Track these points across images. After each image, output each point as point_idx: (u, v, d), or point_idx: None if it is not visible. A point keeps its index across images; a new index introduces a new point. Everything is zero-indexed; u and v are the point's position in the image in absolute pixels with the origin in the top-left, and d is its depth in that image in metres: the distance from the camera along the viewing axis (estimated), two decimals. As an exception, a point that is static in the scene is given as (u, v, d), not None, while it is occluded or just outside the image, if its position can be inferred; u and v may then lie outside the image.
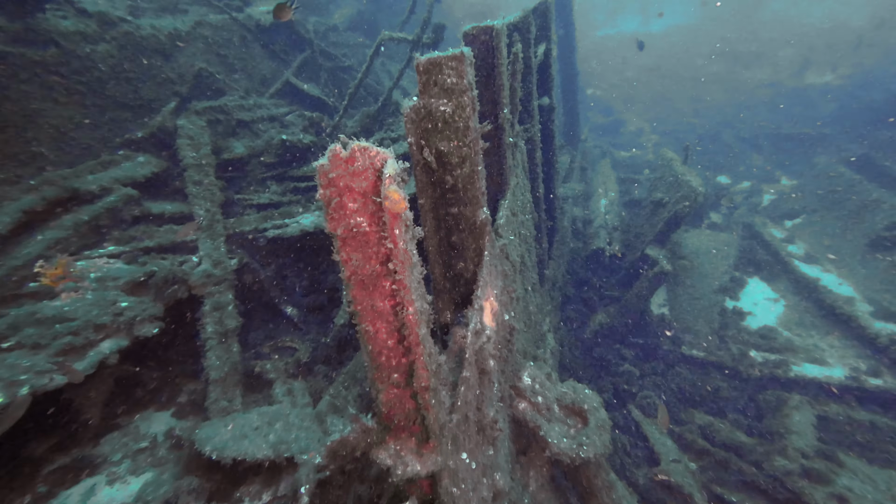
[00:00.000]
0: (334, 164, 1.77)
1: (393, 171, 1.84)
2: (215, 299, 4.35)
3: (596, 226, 8.08)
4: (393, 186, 1.76)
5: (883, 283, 6.09)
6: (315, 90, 7.86)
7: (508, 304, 3.98)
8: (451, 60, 2.54)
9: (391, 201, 1.79)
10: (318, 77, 8.35)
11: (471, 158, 2.88)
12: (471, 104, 2.65)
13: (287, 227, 5.64)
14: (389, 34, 5.79)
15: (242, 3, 6.74)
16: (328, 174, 1.77)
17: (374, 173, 1.82)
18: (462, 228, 3.38)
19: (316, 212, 6.16)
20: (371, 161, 1.79)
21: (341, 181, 1.79)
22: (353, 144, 1.74)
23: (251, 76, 6.72)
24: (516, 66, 3.89)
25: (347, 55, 9.18)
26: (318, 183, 1.75)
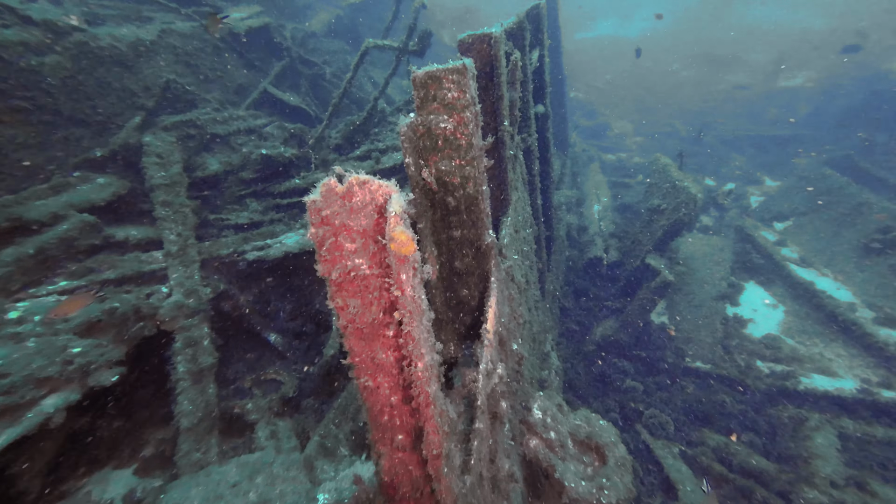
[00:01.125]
0: (328, 201, 1.58)
1: (399, 209, 1.54)
2: (188, 334, 3.92)
3: (591, 233, 7.91)
4: (400, 227, 1.51)
5: (881, 287, 6.08)
6: (295, 99, 7.47)
7: (516, 331, 3.70)
8: (452, 74, 2.29)
9: (398, 243, 1.53)
10: (297, 86, 7.96)
11: (474, 178, 2.63)
12: (474, 120, 2.43)
13: (269, 249, 5.23)
14: (374, 42, 5.49)
15: (213, 9, 6.31)
16: (321, 211, 1.57)
17: (375, 210, 1.62)
18: (465, 253, 3.12)
19: (300, 230, 5.76)
20: (372, 196, 1.59)
21: (336, 219, 1.60)
22: (350, 177, 1.55)
23: (226, 87, 6.29)
24: (515, 75, 3.66)
25: (328, 62, 8.82)
26: (309, 221, 1.56)
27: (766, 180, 12.01)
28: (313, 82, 8.16)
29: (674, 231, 5.91)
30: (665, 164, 7.05)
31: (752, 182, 12.34)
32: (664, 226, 6.12)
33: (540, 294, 5.27)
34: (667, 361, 5.57)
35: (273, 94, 6.93)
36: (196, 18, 5.78)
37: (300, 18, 9.14)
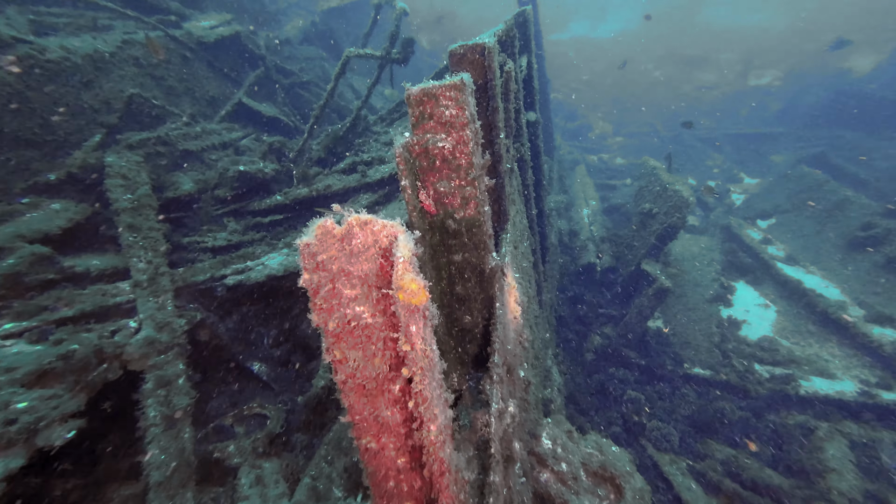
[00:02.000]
0: (324, 244, 1.43)
1: (408, 254, 1.38)
2: (160, 373, 3.55)
3: (583, 238, 7.83)
4: (409, 274, 1.36)
5: (867, 284, 6.18)
6: (272, 110, 7.11)
7: (522, 355, 3.50)
8: (450, 90, 2.03)
9: (408, 293, 1.37)
10: (273, 95, 7.60)
11: (476, 199, 2.45)
12: (474, 138, 2.17)
13: (250, 272, 4.89)
14: (355, 51, 5.23)
15: (179, 18, 5.91)
16: (316, 256, 1.43)
17: (379, 253, 1.47)
18: (468, 278, 2.92)
19: (284, 250, 5.42)
20: (375, 238, 1.46)
21: (334, 264, 1.45)
22: (350, 217, 1.41)
23: (196, 99, 5.89)
24: (510, 86, 3.48)
25: (305, 70, 8.48)
26: (302, 266, 1.43)
27: (745, 178, 12.28)
28: (290, 91, 7.81)
29: (668, 236, 5.86)
30: (654, 167, 7.03)
31: (731, 180, 12.61)
32: (657, 230, 6.06)
33: (538, 307, 5.10)
34: (666, 368, 5.49)
35: (248, 105, 6.57)
36: (161, 28, 5.37)
37: (273, 25, 8.78)
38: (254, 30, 7.46)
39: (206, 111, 6.17)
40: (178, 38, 5.61)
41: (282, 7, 9.33)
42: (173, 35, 5.51)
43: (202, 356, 4.54)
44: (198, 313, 4.42)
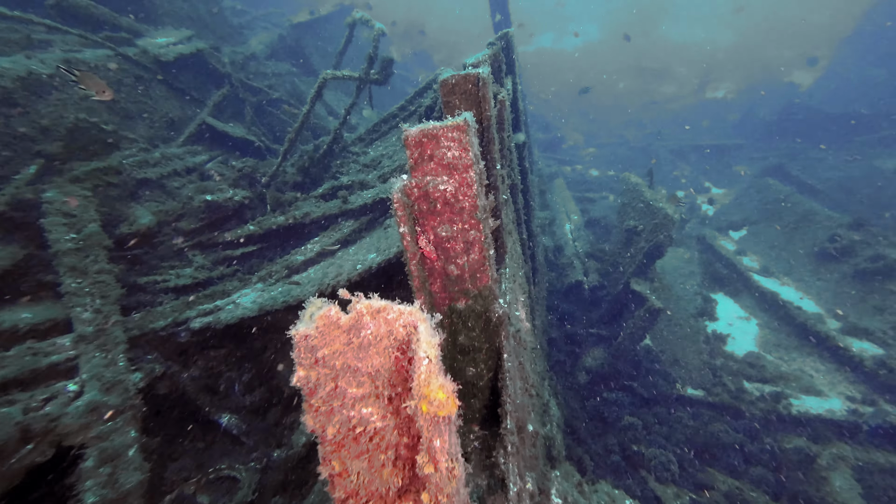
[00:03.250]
0: (327, 336, 1.23)
1: (433, 352, 1.17)
2: (105, 445, 3.04)
3: (568, 254, 7.78)
4: (436, 380, 1.13)
5: (839, 295, 6.44)
6: (240, 130, 6.64)
7: (528, 404, 3.26)
8: (453, 131, 1.90)
9: (435, 403, 1.14)
10: (241, 114, 7.12)
11: (480, 243, 2.27)
12: (478, 180, 2.02)
13: (220, 313, 4.42)
14: (332, 73, 4.92)
15: (132, 35, 5.38)
16: (316, 350, 1.23)
17: (394, 345, 1.26)
18: (472, 327, 2.69)
19: (258, 285, 4.98)
20: (390, 328, 1.25)
21: (338, 359, 1.25)
22: (360, 305, 1.22)
23: (154, 122, 5.36)
24: (504, 115, 3.30)
25: (274, 86, 8.04)
26: (297, 361, 1.23)
27: (713, 188, 12.80)
28: (259, 109, 7.36)
29: (655, 254, 5.86)
30: (636, 184, 7.08)
31: (699, 190, 13.12)
32: (643, 248, 6.06)
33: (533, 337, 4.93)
34: (660, 389, 5.43)
35: (213, 125, 6.08)
36: (110, 46, 4.83)
37: (237, 40, 8.29)
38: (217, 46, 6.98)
39: (167, 135, 5.64)
40: (131, 57, 5.09)
41: (246, 21, 8.85)
42: (124, 54, 4.99)
43: (161, 414, 4.01)
44: (156, 365, 3.91)
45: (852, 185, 10.54)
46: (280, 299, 4.47)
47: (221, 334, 4.43)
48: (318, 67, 9.59)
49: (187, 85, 6.08)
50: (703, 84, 27.07)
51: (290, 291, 4.57)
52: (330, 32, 10.47)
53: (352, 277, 4.30)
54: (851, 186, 10.49)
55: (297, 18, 9.50)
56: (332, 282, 4.37)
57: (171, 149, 5.36)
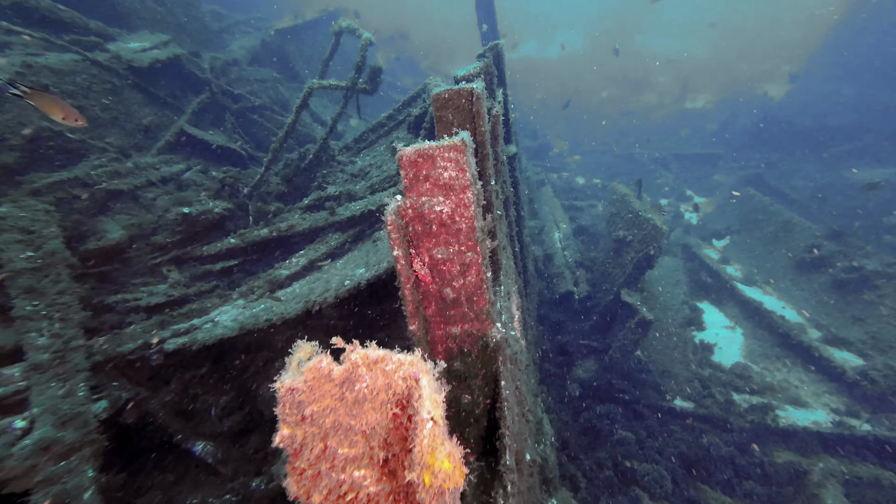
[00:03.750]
0: (317, 391, 1.14)
1: (438, 412, 1.08)
2: (57, 489, 2.76)
3: (558, 264, 7.75)
4: (443, 448, 1.04)
5: (819, 305, 6.60)
6: (220, 138, 6.38)
7: (525, 431, 3.16)
8: (449, 151, 1.85)
9: (440, 475, 1.04)
10: (222, 121, 6.86)
11: (477, 265, 2.12)
12: (475, 201, 1.96)
13: (197, 332, 4.17)
14: (318, 83, 4.76)
15: (102, 39, 5.08)
16: (302, 406, 1.14)
17: (391, 400, 1.16)
18: (468, 352, 2.59)
19: (239, 301, 4.74)
20: (388, 381, 1.15)
21: (328, 416, 1.15)
22: (356, 355, 1.14)
23: (126, 130, 5.07)
24: (497, 130, 3.22)
25: (257, 92, 7.80)
26: (281, 417, 1.13)
27: (695, 197, 13.09)
28: (241, 117, 7.11)
29: (644, 265, 5.87)
30: (624, 194, 7.13)
31: (681, 198, 13.40)
32: (633, 259, 6.07)
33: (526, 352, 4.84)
34: (650, 401, 5.41)
35: (192, 133, 5.81)
36: (77, 50, 4.54)
37: (217, 45, 8.01)
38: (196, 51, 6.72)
39: (141, 143, 5.35)
40: (101, 62, 4.81)
41: (227, 25, 8.56)
42: (93, 58, 4.70)
43: (127, 445, 3.72)
44: (123, 393, 3.62)
45: (825, 194, 10.95)
46: (263, 317, 4.25)
47: (198, 355, 4.17)
48: (303, 73, 9.39)
49: (164, 91, 5.80)
50: (683, 94, 27.92)
51: (274, 308, 4.36)
52: (314, 38, 10.27)
53: (339, 294, 4.12)
54: (824, 196, 10.90)
55: (280, 24, 9.28)
56: (319, 298, 4.18)
57: (145, 158, 5.08)
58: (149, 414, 3.91)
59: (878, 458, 4.15)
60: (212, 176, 5.69)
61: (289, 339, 4.57)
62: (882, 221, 9.60)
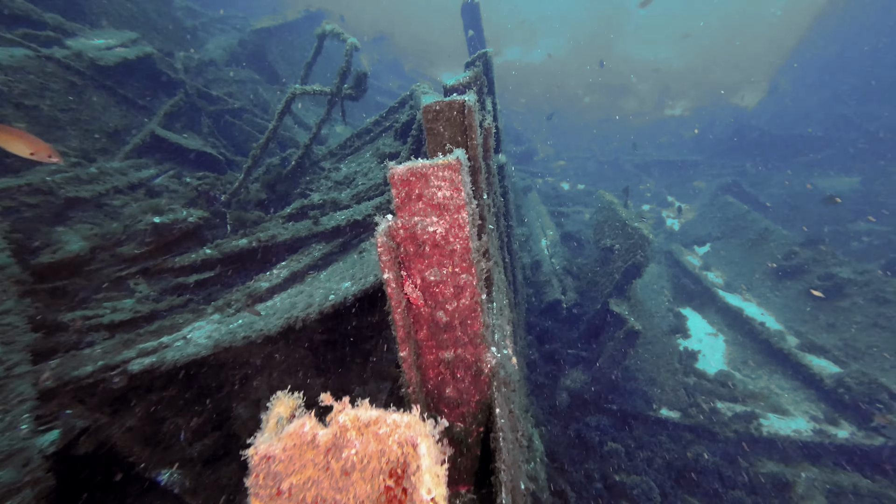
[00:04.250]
0: (297, 460, 1.01)
1: (441, 493, 1.00)
2: None
3: (546, 271, 7.72)
4: None
5: (796, 312, 6.79)
6: (195, 141, 6.06)
7: (519, 455, 3.03)
8: (443, 170, 1.77)
9: None
10: (197, 124, 6.52)
11: (471, 287, 2.03)
12: (471, 221, 1.90)
13: (166, 351, 3.89)
14: (301, 88, 4.55)
15: (60, 34, 4.71)
16: (279, 479, 0.99)
17: (384, 469, 1.04)
18: (461, 378, 2.48)
19: (214, 316, 4.47)
20: (381, 447, 1.03)
21: (310, 490, 1.00)
22: (345, 417, 1.02)
23: (88, 133, 4.71)
24: (489, 143, 3.12)
25: (234, 94, 7.48)
26: (252, 490, 0.98)
27: (676, 202, 13.39)
28: (218, 119, 6.78)
29: (631, 274, 5.89)
30: (610, 202, 7.17)
31: (662, 204, 13.70)
32: (620, 268, 6.08)
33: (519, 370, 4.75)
34: (637, 411, 5.41)
35: (164, 137, 5.48)
36: (30, 45, 4.17)
37: (193, 44, 7.64)
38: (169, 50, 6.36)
39: (108, 146, 4.99)
40: (60, 59, 4.44)
41: (202, 24, 8.17)
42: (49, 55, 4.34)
43: (79, 479, 3.41)
44: (78, 421, 3.31)
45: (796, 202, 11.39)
46: (240, 333, 4.00)
47: (167, 376, 3.88)
48: (284, 75, 9.08)
49: (134, 93, 5.45)
50: (662, 101, 28.74)
51: (253, 324, 4.11)
52: (296, 39, 9.96)
53: (324, 309, 3.93)
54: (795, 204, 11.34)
55: (260, 24, 8.94)
56: (301, 314, 3.96)
57: (111, 163, 4.74)
58: (107, 443, 3.60)
59: (855, 467, 4.26)
60: (186, 182, 5.37)
61: (269, 355, 4.34)
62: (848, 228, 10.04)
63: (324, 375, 4.51)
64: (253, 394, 4.04)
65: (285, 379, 4.36)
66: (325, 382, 4.48)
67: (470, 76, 3.84)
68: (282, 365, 4.33)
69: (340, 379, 4.53)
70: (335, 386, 4.47)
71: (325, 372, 4.51)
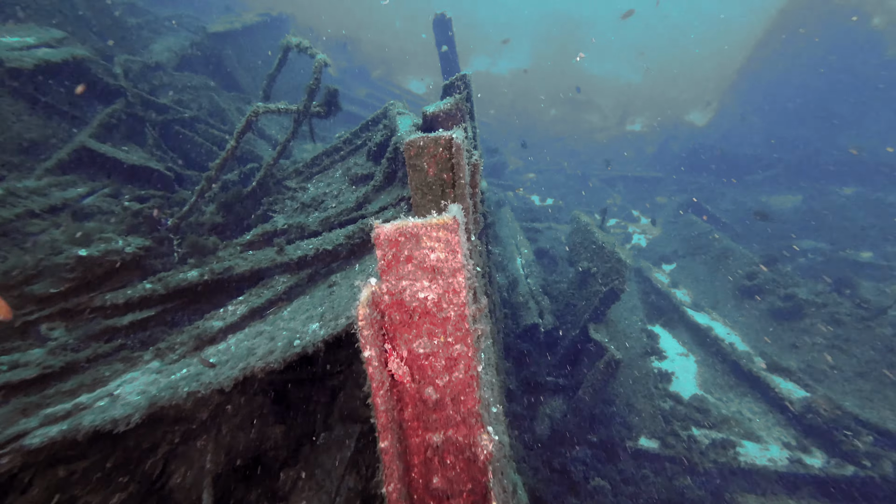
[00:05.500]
0: None
1: None
2: None
3: (522, 293, 7.56)
4: None
5: (760, 332, 7.05)
6: (138, 156, 5.35)
7: None
8: (438, 230, 1.62)
9: None
10: (141, 135, 5.80)
11: (467, 359, 1.80)
12: (467, 286, 1.70)
13: (83, 414, 3.25)
14: (264, 106, 4.08)
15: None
16: None
17: None
18: (451, 464, 2.16)
19: (153, 363, 3.87)
20: None
21: None
22: None
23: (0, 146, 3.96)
24: (476, 180, 2.85)
25: (187, 102, 6.78)
26: None
27: (642, 218, 13.86)
28: (167, 130, 6.07)
29: (610, 300, 5.84)
30: (586, 223, 7.15)
31: (629, 219, 14.14)
32: (599, 292, 6.02)
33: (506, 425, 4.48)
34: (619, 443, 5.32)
35: (97, 150, 4.77)
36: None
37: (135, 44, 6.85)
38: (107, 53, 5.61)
39: (27, 162, 4.23)
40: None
41: (147, 21, 7.34)
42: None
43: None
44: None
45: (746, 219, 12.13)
46: (184, 388, 3.42)
47: (81, 445, 3.23)
48: (244, 83, 8.39)
49: (59, 100, 4.70)
50: (624, 117, 30.11)
51: (200, 376, 3.55)
52: (256, 44, 9.28)
53: (287, 357, 3.45)
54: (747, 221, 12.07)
55: (215, 27, 8.19)
56: (261, 363, 3.46)
57: (26, 181, 4.00)
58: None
59: (831, 499, 4.38)
60: (121, 197, 4.68)
61: (218, 407, 3.78)
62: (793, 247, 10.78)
63: (284, 423, 4.01)
64: (197, 458, 3.46)
65: (238, 434, 3.81)
66: (286, 430, 3.98)
67: (451, 103, 3.57)
68: (234, 418, 3.78)
69: (304, 425, 4.05)
70: (297, 433, 3.98)
71: (286, 418, 4.01)
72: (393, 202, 4.43)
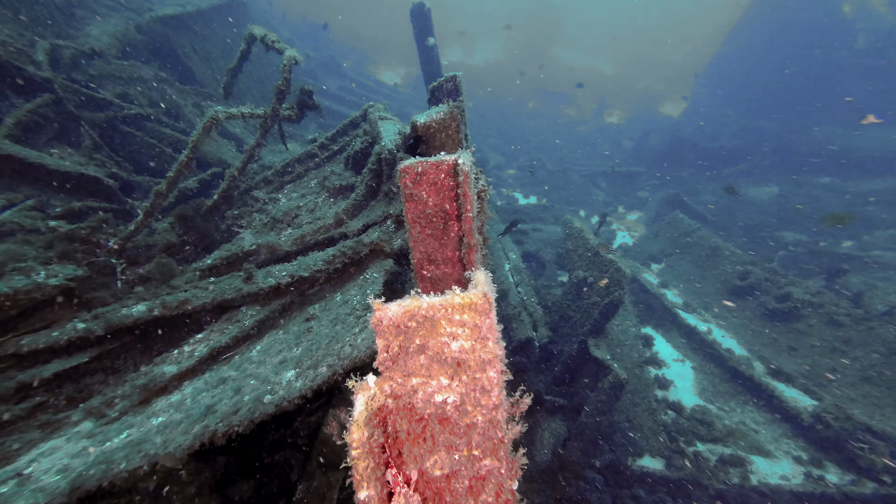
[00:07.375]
0: None
1: None
2: None
3: (514, 303, 7.17)
4: None
5: (756, 334, 6.97)
6: (70, 162, 4.52)
7: None
8: (461, 312, 1.21)
9: None
10: (75, 134, 4.93)
11: (497, 477, 1.41)
12: (498, 384, 1.30)
13: None
14: (225, 111, 3.38)
15: None
16: None
17: None
18: None
19: (84, 425, 3.22)
20: None
21: None
22: None
23: None
24: (485, 207, 2.37)
25: (133, 96, 5.89)
26: None
27: (628, 215, 13.76)
28: (107, 128, 5.21)
29: (610, 311, 5.52)
30: (580, 229, 6.80)
31: (612, 214, 14.02)
32: (598, 304, 5.69)
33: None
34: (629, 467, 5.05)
35: (17, 155, 3.94)
36: None
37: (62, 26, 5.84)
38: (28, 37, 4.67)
39: None
40: None
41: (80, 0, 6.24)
42: None
43: None
44: None
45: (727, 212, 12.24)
46: (121, 464, 2.77)
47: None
48: (201, 74, 7.46)
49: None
50: (601, 109, 30.16)
51: (143, 443, 2.91)
52: (209, 33, 8.28)
53: (255, 417, 2.87)
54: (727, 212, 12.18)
55: (164, 11, 7.17)
56: (223, 426, 2.87)
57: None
58: None
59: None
60: (49, 224, 3.89)
61: (166, 476, 3.12)
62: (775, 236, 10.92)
63: (253, 478, 3.43)
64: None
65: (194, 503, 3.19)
66: (255, 487, 3.40)
67: (446, 113, 3.02)
68: (188, 487, 3.15)
69: (279, 479, 3.49)
70: (269, 491, 3.42)
71: (254, 472, 3.44)
72: (378, 220, 3.86)
